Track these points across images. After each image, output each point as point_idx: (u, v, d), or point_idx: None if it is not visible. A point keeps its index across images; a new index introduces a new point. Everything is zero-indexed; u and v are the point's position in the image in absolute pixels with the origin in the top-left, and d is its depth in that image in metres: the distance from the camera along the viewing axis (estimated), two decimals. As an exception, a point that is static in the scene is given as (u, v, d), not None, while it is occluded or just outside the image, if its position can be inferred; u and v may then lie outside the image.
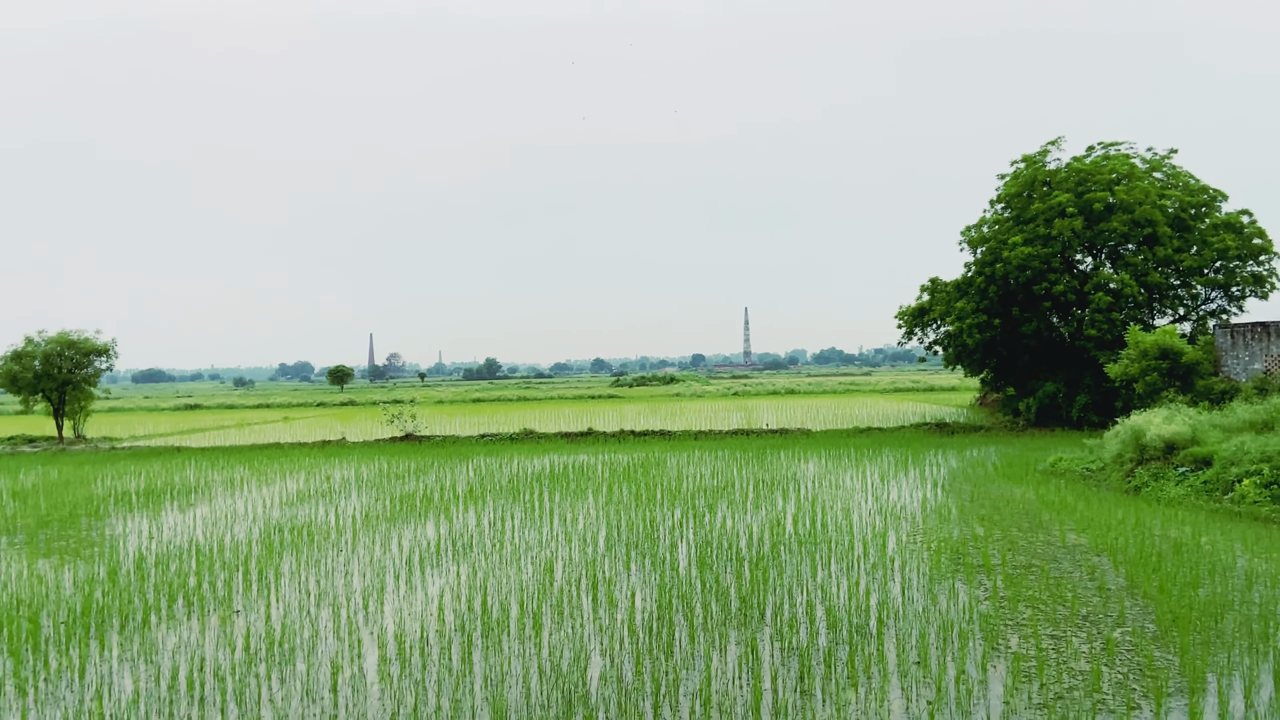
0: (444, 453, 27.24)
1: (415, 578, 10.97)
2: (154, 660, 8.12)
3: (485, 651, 8.13)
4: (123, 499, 18.50)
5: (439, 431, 35.31)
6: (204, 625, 9.19)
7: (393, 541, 13.17)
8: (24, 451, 32.44)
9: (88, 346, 36.87)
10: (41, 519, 16.24)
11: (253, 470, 23.28)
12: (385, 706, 6.95)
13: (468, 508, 16.03)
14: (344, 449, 29.83)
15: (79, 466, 25.69)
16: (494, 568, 11.29)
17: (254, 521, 15.26)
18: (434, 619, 9.13)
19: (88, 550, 13.22)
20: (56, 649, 8.50)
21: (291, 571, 11.44)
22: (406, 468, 22.91)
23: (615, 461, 22.98)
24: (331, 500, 17.53)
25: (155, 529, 14.88)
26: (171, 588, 10.55)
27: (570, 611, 9.26)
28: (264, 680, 7.58)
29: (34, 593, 10.49)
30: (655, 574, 10.71)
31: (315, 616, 9.38)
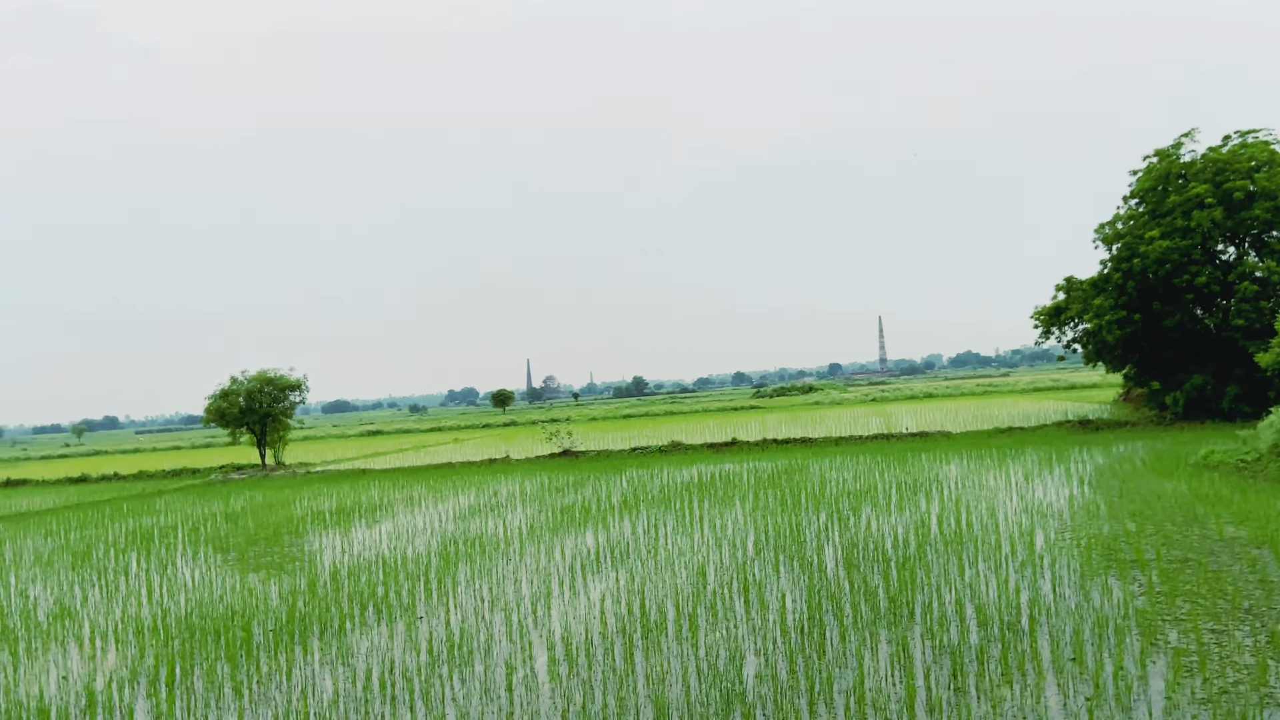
0: (599, 466, 27.64)
1: (578, 583, 11.15)
2: (350, 663, 8.52)
3: (646, 652, 8.17)
4: (318, 518, 19.55)
5: (593, 447, 35.86)
6: (392, 631, 9.59)
7: (556, 550, 13.43)
8: (233, 478, 34.75)
9: (283, 383, 39.25)
10: (250, 537, 17.34)
11: (429, 488, 24.21)
12: (556, 705, 7.07)
13: (623, 517, 16.20)
14: (508, 466, 30.67)
15: (280, 490, 27.31)
16: (650, 573, 11.35)
17: (432, 535, 15.85)
18: (597, 622, 9.25)
19: (290, 565, 14.02)
20: (266, 654, 9.03)
21: (467, 580, 11.81)
22: (565, 481, 23.34)
23: (760, 469, 22.78)
24: (499, 514, 18.03)
25: (346, 544, 15.64)
26: (363, 597, 11.05)
27: (724, 613, 9.21)
28: (446, 681, 7.84)
29: (246, 603, 11.19)
30: (804, 576, 10.53)
31: (489, 621, 9.64)
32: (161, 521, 20.99)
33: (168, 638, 9.82)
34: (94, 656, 9.42)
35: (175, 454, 62.45)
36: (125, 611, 11.33)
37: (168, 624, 10.39)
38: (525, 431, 56.88)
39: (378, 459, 40.17)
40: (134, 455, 66.14)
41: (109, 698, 7.88)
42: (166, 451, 68.78)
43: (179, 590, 12.48)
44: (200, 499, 26.28)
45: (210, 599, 11.64)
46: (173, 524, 20.27)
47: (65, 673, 8.86)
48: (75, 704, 7.81)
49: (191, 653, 9.16)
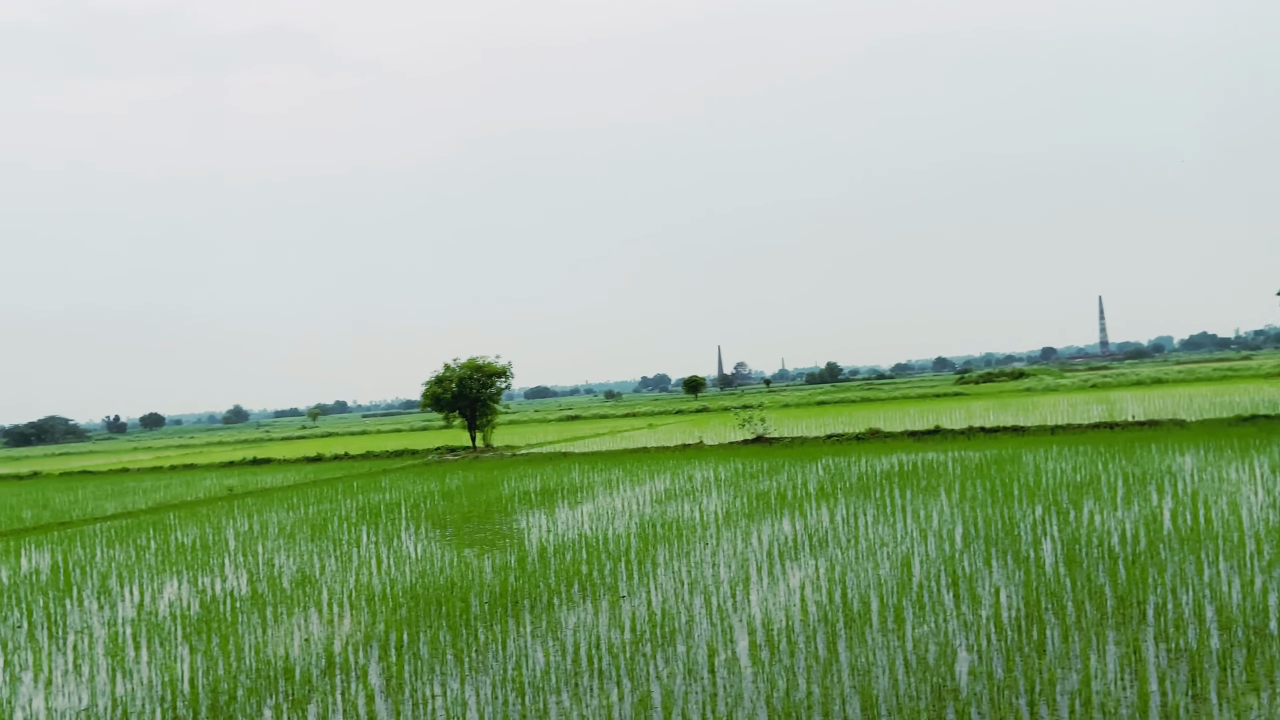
0: (793, 453, 27.36)
1: (776, 570, 11.09)
2: (559, 637, 8.87)
3: (849, 642, 8.03)
4: (524, 498, 20.47)
5: (787, 433, 35.53)
6: (597, 608, 9.90)
7: (753, 536, 13.42)
8: (448, 459, 36.94)
9: (491, 369, 41.27)
10: (464, 515, 18.39)
11: (626, 472, 24.80)
12: (759, 689, 7.07)
13: (820, 505, 15.96)
14: (702, 452, 30.91)
15: (489, 471, 28.79)
16: (850, 562, 11.13)
17: (630, 517, 16.23)
18: (797, 609, 9.17)
19: (501, 541, 14.76)
20: (483, 624, 9.55)
21: (665, 562, 12.01)
22: (760, 468, 23.26)
23: (966, 459, 21.81)
24: (695, 498, 18.21)
25: (551, 523, 16.29)
26: (568, 574, 11.48)
27: (932, 607, 8.90)
28: (650, 659, 8.01)
29: (463, 576, 11.88)
30: (1019, 571, 10.00)
31: (689, 603, 9.77)
32: (387, 498, 22.62)
33: (395, 606, 10.58)
34: (331, 621, 10.29)
35: (396, 436, 67.12)
36: (358, 580, 12.30)
37: (395, 593, 11.19)
38: (717, 418, 57.12)
39: (577, 443, 41.54)
40: (361, 437, 71.62)
41: (345, 659, 8.59)
42: (389, 434, 74.04)
43: (404, 562, 13.41)
44: (419, 478, 28.13)
45: (431, 571, 12.44)
46: (396, 501, 21.81)
47: (307, 635, 9.73)
48: (316, 664, 8.56)
49: (416, 620, 9.83)
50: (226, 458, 49.91)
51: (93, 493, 31.96)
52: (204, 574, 13.77)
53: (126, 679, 8.62)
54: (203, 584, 12.94)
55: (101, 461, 60.28)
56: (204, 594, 12.19)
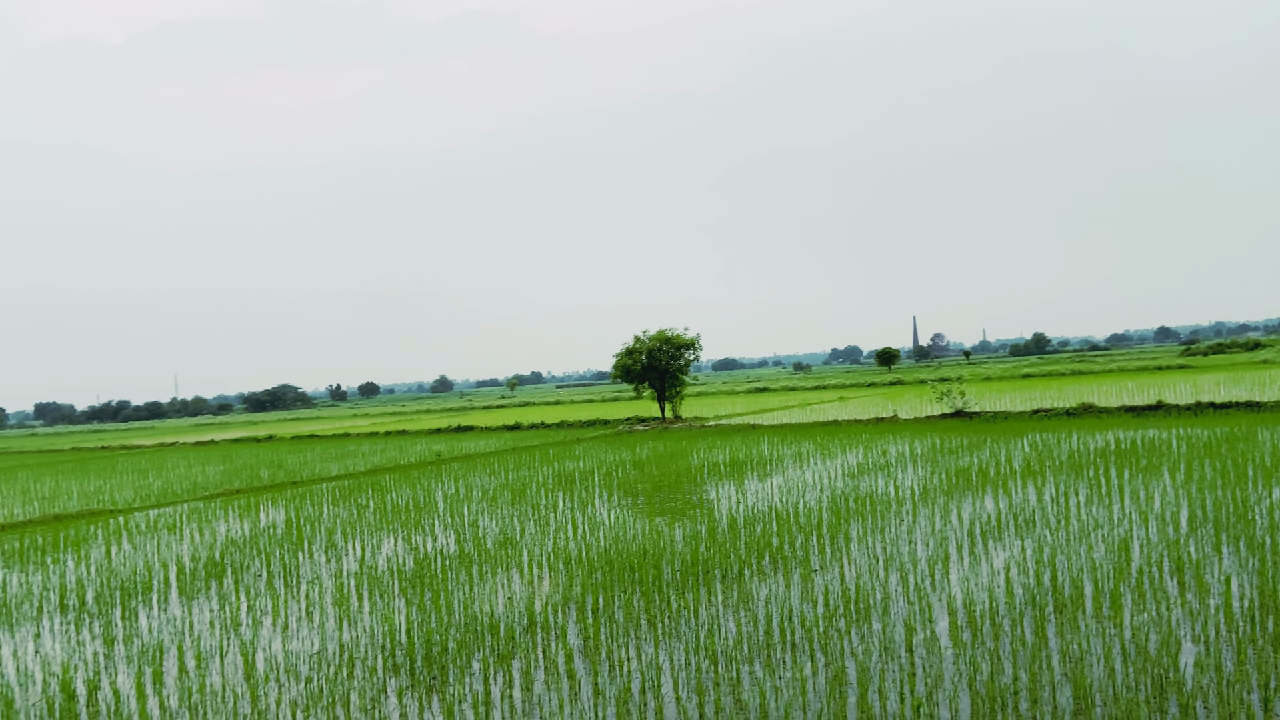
0: (996, 429, 26.09)
1: (978, 549, 10.65)
2: (750, 608, 8.90)
3: (1059, 628, 7.61)
4: (713, 469, 20.62)
5: (988, 408, 33.90)
6: (788, 581, 9.86)
7: (952, 513, 12.93)
8: (638, 430, 37.74)
9: (679, 341, 41.72)
10: (655, 484, 18.75)
11: (816, 445, 24.47)
12: (961, 671, 6.83)
13: (1026, 483, 15.16)
14: (896, 426, 30.03)
15: (678, 441, 29.19)
16: (1061, 544, 10.52)
17: (821, 491, 16.01)
18: (1002, 591, 8.78)
19: (691, 511, 14.95)
20: (675, 592, 9.73)
21: (859, 537, 11.79)
22: (959, 443, 22.35)
23: (1193, 436, 20.08)
24: (889, 473, 17.74)
25: (740, 495, 16.33)
26: (759, 546, 11.49)
27: (1153, 594, 8.28)
28: (844, 635, 7.90)
29: (655, 544, 12.13)
30: (1253, 559, 9.14)
31: (885, 580, 9.55)
32: (580, 466, 23.41)
33: (591, 570, 10.96)
34: (531, 582, 10.79)
35: (589, 406, 69.20)
36: (555, 544, 12.82)
37: (590, 557, 11.59)
38: (912, 391, 55.22)
39: (765, 415, 41.35)
40: (555, 406, 74.40)
41: (545, 619, 8.98)
42: (581, 404, 76.46)
43: (598, 528, 13.85)
44: (611, 447, 28.90)
45: (624, 537, 12.78)
46: (589, 469, 22.52)
47: (510, 594, 10.25)
48: (518, 622, 9.01)
49: (611, 584, 10.14)
50: (434, 425, 53.14)
51: (319, 455, 34.89)
52: (416, 533, 14.75)
53: (351, 626, 9.38)
54: (415, 542, 13.87)
55: (326, 426, 65.67)
56: (417, 551, 13.06)
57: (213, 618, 10.17)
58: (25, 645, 9.64)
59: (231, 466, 32.40)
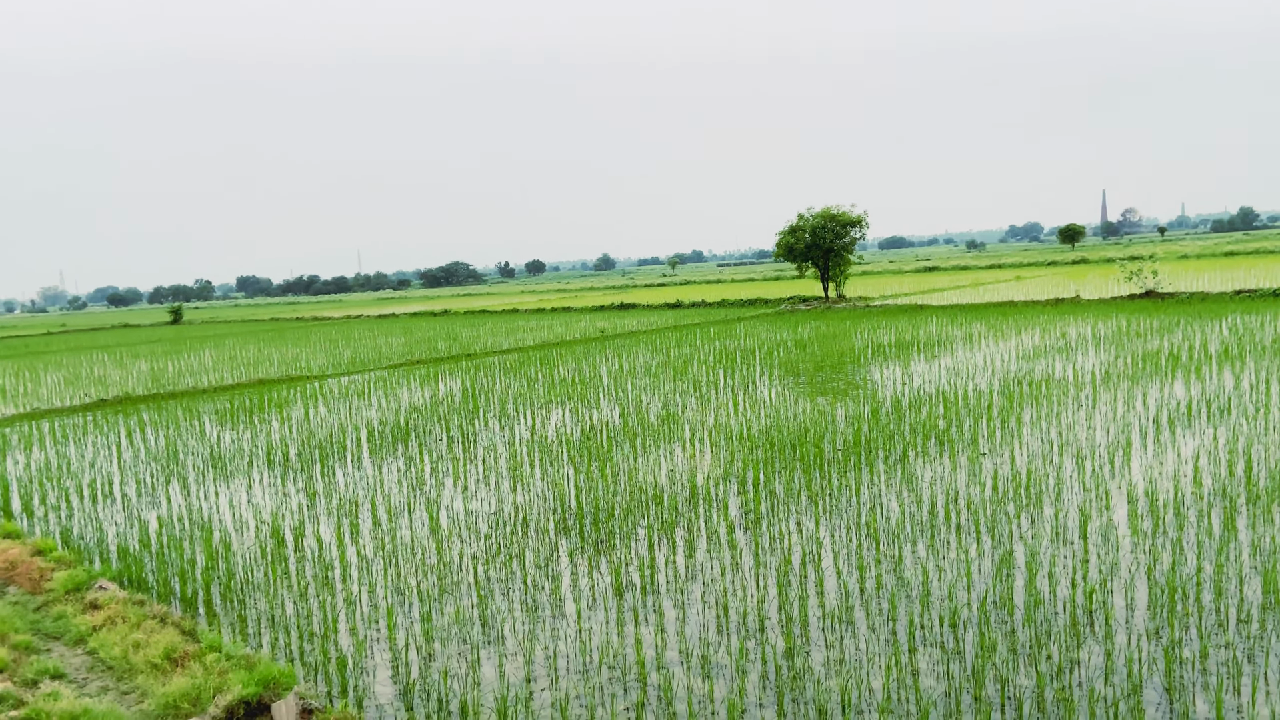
0: (1190, 310, 24.19)
1: (1164, 437, 10.05)
2: (914, 489, 8.80)
3: (1251, 520, 7.15)
4: (878, 350, 20.18)
5: (1183, 288, 31.40)
6: (954, 464, 9.66)
7: (1136, 399, 12.21)
8: (800, 309, 37.26)
9: (845, 219, 40.41)
10: (816, 364, 18.57)
11: (988, 326, 23.47)
12: (1139, 560, 6.57)
13: (1222, 368, 14.08)
14: (1078, 306, 28.33)
15: (841, 322, 28.66)
16: (1258, 433, 9.78)
17: (992, 374, 15.43)
18: (1188, 480, 8.30)
19: (853, 391, 14.76)
20: (836, 470, 9.72)
21: (1031, 421, 11.35)
22: (1148, 326, 20.90)
23: None
24: (1068, 356, 16.85)
25: (905, 376, 15.96)
26: (924, 428, 11.26)
27: (1365, 490, 7.63)
28: (1013, 519, 7.71)
29: (816, 423, 12.09)
30: None
31: (1059, 465, 9.20)
32: (741, 345, 23.43)
33: (751, 446, 11.08)
34: (693, 456, 11.02)
35: (750, 285, 68.71)
36: (716, 420, 12.99)
37: (751, 434, 11.70)
38: (1098, 270, 51.72)
39: (934, 295, 39.86)
40: (716, 285, 74.25)
41: (707, 491, 9.20)
42: (742, 283, 75.98)
43: (759, 406, 13.92)
44: (772, 327, 28.73)
45: (785, 415, 12.80)
46: (750, 348, 22.52)
47: (672, 467, 10.52)
48: (681, 493, 9.26)
49: (772, 461, 10.23)
50: (597, 302, 54.22)
51: (490, 329, 36.41)
52: (583, 405, 15.28)
53: (524, 490, 9.92)
54: (582, 414, 14.38)
55: (496, 302, 68.27)
56: (583, 423, 13.56)
57: (400, 477, 10.98)
58: (239, 495, 10.73)
59: (411, 339, 34.32)
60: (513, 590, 6.99)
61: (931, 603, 6.10)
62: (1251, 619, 5.49)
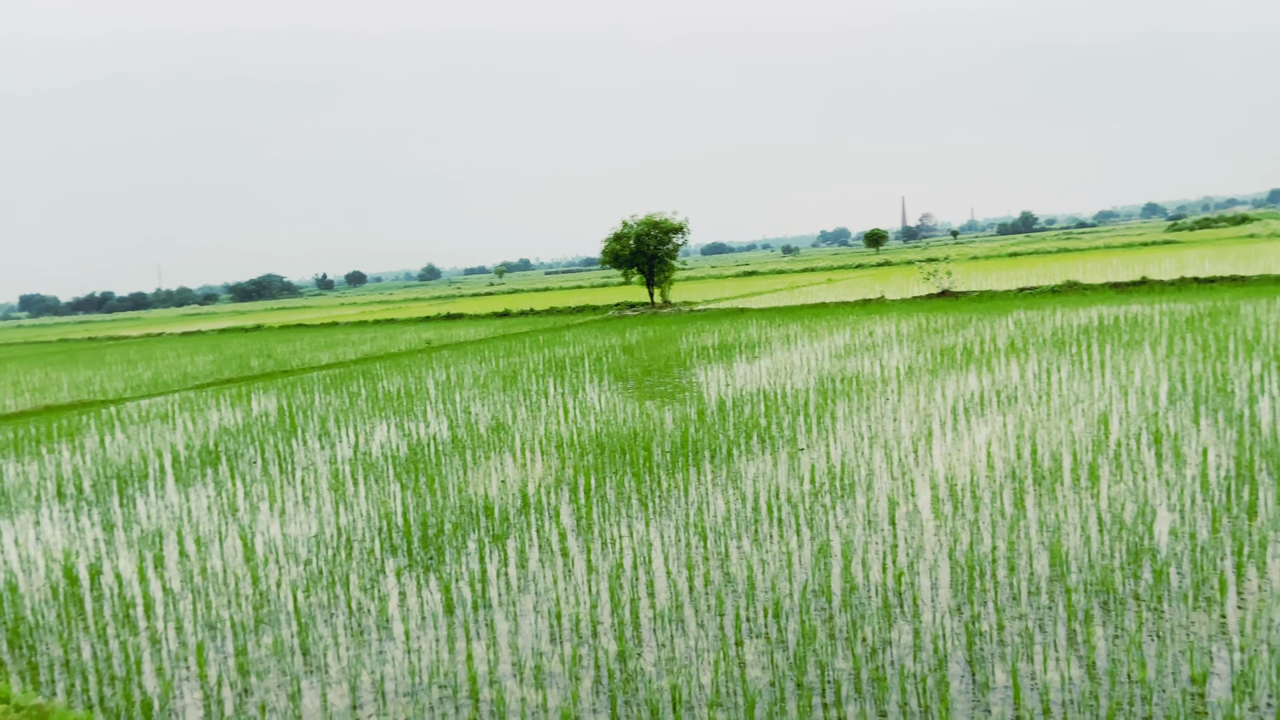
0: (981, 307, 26.18)
1: (960, 425, 10.82)
2: (739, 487, 9.08)
3: (1038, 499, 7.79)
4: (702, 352, 20.72)
5: (975, 287, 33.94)
6: (775, 460, 10.03)
7: (936, 391, 13.09)
8: (627, 315, 37.74)
9: (668, 225, 41.26)
10: (644, 368, 18.85)
11: (804, 327, 24.56)
12: (941, 541, 7.02)
13: (1010, 360, 15.30)
14: (883, 306, 30.09)
15: (667, 326, 29.24)
16: (1042, 419, 10.69)
17: (809, 372, 16.14)
18: (983, 465, 8.96)
19: (680, 394, 15.08)
20: (665, 472, 9.90)
21: (845, 416, 11.94)
22: (944, 322, 22.45)
23: (1175, 311, 20.21)
24: (875, 353, 17.86)
25: (729, 378, 16.46)
26: (747, 427, 11.64)
27: (1130, 465, 8.47)
28: (829, 509, 8.08)
29: (645, 427, 12.27)
30: (1230, 430, 9.32)
31: (869, 457, 9.72)
32: (571, 352, 23.49)
33: (582, 452, 11.11)
34: (524, 465, 10.94)
35: (578, 292, 69.00)
36: (546, 428, 12.95)
37: (582, 440, 11.73)
38: (900, 271, 55.15)
39: (753, 298, 41.34)
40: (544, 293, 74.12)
41: (539, 500, 9.15)
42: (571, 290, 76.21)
43: (589, 412, 13.98)
44: (600, 333, 28.95)
45: (615, 421, 12.92)
46: (579, 355, 22.60)
47: (503, 477, 10.40)
48: (513, 504, 9.17)
49: (602, 466, 10.29)
50: (423, 313, 52.98)
51: (308, 344, 34.87)
52: (409, 419, 14.87)
53: (348, 510, 9.54)
54: (409, 428, 14.00)
55: (314, 315, 65.46)
56: (410, 437, 13.20)
57: (210, 504, 10.32)
58: (26, 532, 9.79)
59: (221, 356, 32.40)
60: (336, 615, 6.70)
61: (756, 595, 6.30)
62: (1040, 590, 5.98)
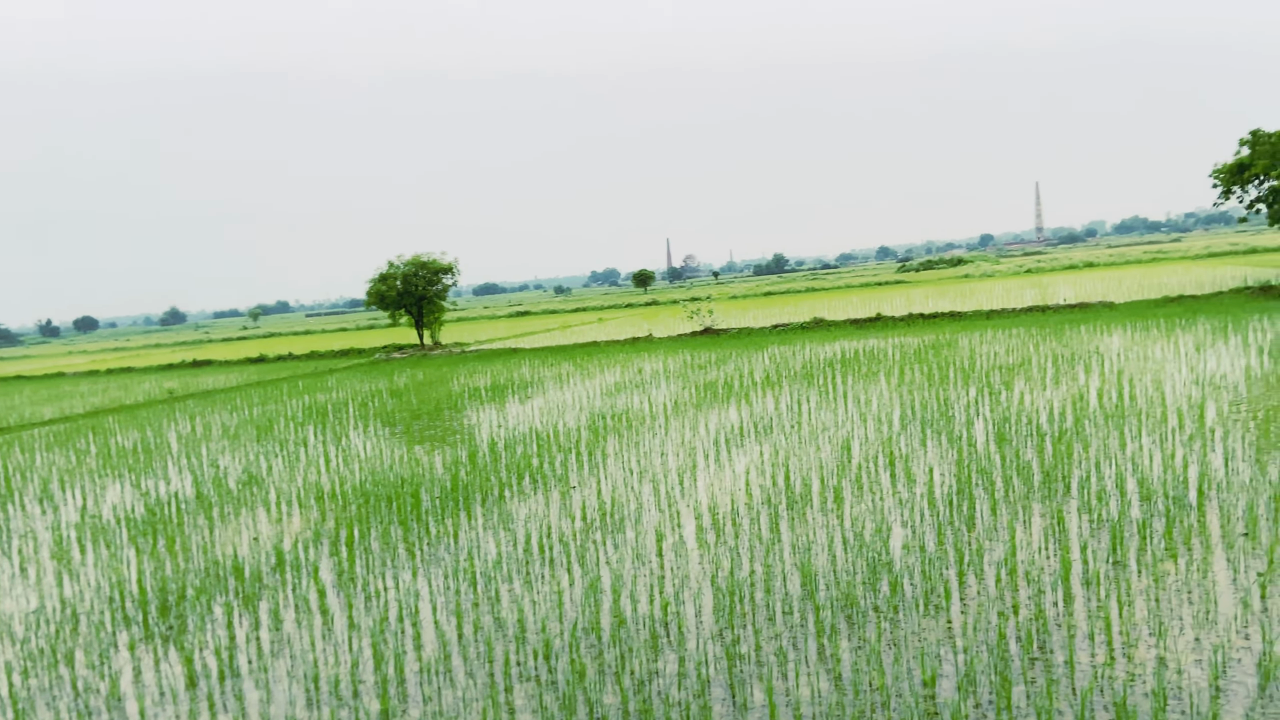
0: (740, 343, 27.61)
1: (723, 456, 11.30)
2: (510, 528, 8.99)
3: (791, 522, 8.26)
4: (474, 394, 20.45)
5: (734, 324, 35.80)
6: (548, 499, 10.03)
7: (700, 425, 13.61)
8: (395, 357, 36.64)
9: (436, 266, 40.57)
10: (414, 412, 18.35)
11: (576, 366, 24.86)
12: (705, 569, 7.27)
13: (766, 393, 16.20)
14: (651, 344, 31.05)
15: (438, 368, 28.65)
16: (794, 447, 11.37)
17: (580, 410, 16.33)
18: (742, 493, 9.39)
19: (451, 437, 14.79)
20: (434, 518, 9.63)
21: (615, 452, 12.16)
22: (708, 359, 23.47)
23: (905, 344, 22.22)
24: (644, 390, 18.36)
25: (502, 418, 16.34)
26: (519, 468, 11.57)
27: (869, 486, 9.17)
28: (600, 545, 8.17)
29: (414, 472, 11.91)
30: (952, 450, 10.32)
31: (639, 491, 9.94)
32: (334, 397, 22.45)
33: (345, 503, 10.60)
34: (280, 520, 10.29)
35: (342, 335, 66.25)
36: (306, 479, 12.27)
37: (344, 491, 11.20)
38: (666, 310, 57.24)
39: (526, 338, 41.42)
40: (305, 337, 70.56)
41: (296, 556, 8.62)
42: (334, 333, 73.03)
43: (353, 460, 13.39)
44: (367, 377, 27.90)
45: (381, 468, 12.45)
46: (344, 400, 21.65)
47: (255, 535, 9.73)
48: (266, 562, 8.59)
49: (367, 517, 9.87)
50: (165, 360, 48.92)
51: (29, 398, 31.22)
52: (147, 477, 13.63)
53: (74, 580, 8.57)
54: (147, 487, 12.82)
55: (36, 366, 58.71)
56: (148, 497, 12.08)
57: (-100, 587, 8.93)
58: None
59: (-81, 416, 28.31)
60: (60, 698, 5.97)
61: (527, 638, 6.23)
62: (794, 609, 6.32)
